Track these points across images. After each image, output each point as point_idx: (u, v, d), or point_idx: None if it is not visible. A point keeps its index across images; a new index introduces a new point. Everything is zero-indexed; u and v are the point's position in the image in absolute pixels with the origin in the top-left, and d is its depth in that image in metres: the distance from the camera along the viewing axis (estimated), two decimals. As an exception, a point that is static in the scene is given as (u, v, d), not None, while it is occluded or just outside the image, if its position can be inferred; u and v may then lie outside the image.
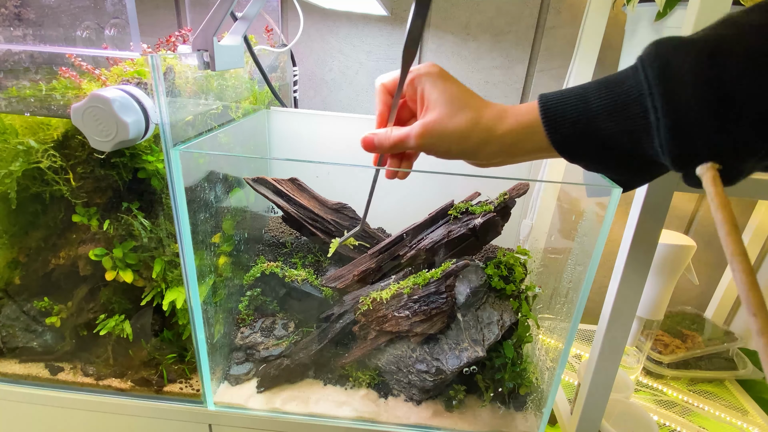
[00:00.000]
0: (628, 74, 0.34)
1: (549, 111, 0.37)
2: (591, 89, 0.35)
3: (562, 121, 0.36)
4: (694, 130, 0.31)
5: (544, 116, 0.37)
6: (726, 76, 0.30)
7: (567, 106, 0.36)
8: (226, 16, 0.51)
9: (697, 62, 0.30)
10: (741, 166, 0.32)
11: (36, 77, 0.53)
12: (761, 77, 0.29)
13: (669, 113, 0.31)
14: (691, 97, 0.30)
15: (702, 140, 0.31)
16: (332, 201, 0.73)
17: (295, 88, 0.97)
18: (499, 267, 0.64)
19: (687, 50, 0.31)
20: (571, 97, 0.36)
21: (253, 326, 0.65)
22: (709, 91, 0.30)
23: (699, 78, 0.30)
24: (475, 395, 0.64)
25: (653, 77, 0.31)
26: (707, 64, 0.30)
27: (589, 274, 0.53)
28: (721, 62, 0.30)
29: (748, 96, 0.29)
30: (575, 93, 0.36)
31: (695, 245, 0.72)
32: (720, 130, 0.30)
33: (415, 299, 0.60)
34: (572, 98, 0.36)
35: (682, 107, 0.31)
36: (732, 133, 0.30)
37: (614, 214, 0.49)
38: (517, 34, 0.94)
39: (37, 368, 0.65)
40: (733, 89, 0.30)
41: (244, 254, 0.71)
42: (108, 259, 0.57)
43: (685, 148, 0.32)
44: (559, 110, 0.36)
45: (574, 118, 0.36)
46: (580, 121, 0.35)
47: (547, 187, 0.86)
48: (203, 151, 0.57)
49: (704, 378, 0.91)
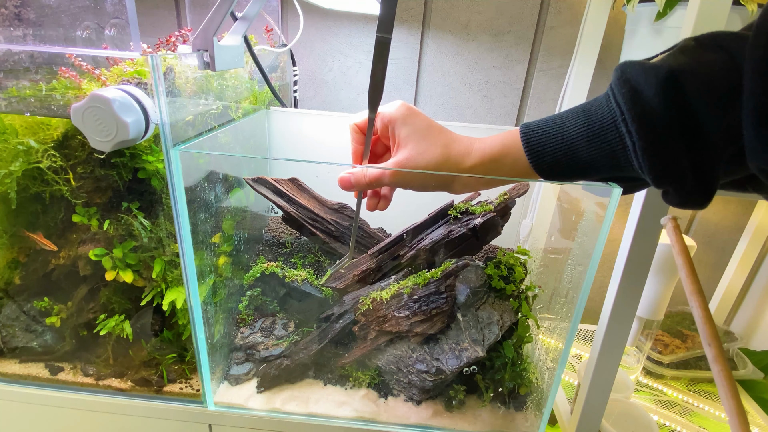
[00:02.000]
0: (601, 102, 0.36)
1: (531, 141, 0.38)
2: (569, 118, 0.37)
3: (543, 150, 0.38)
4: (668, 151, 0.32)
5: (526, 146, 0.39)
6: (688, 100, 0.31)
7: (548, 136, 0.38)
8: (226, 16, 0.51)
9: (663, 87, 0.32)
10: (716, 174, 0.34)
11: (36, 77, 0.53)
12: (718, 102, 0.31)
13: (642, 136, 0.32)
14: (661, 119, 0.32)
15: (676, 159, 0.32)
16: (332, 201, 0.73)
17: (295, 88, 0.97)
18: (499, 267, 0.64)
19: (653, 74, 0.32)
20: (551, 127, 0.38)
21: (253, 326, 0.65)
22: (676, 114, 0.32)
23: (666, 101, 0.32)
24: (475, 395, 0.64)
25: (623, 102, 0.33)
26: (672, 88, 0.31)
27: (589, 274, 0.53)
28: (683, 87, 0.31)
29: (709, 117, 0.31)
30: (555, 122, 0.38)
31: (695, 245, 0.72)
32: (690, 148, 0.32)
33: (415, 299, 0.60)
34: (552, 128, 0.38)
35: (654, 129, 0.32)
36: (702, 149, 0.32)
37: (614, 214, 0.49)
38: (517, 34, 0.94)
39: (37, 368, 0.65)
40: (696, 111, 0.31)
41: (244, 254, 0.71)
42: (108, 259, 0.57)
43: (662, 167, 0.33)
44: (542, 140, 0.38)
45: (555, 147, 0.37)
46: (560, 149, 0.37)
47: (547, 187, 0.85)
48: (203, 151, 0.57)
49: (704, 378, 0.91)
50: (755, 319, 1.04)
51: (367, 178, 0.45)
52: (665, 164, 0.33)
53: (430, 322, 0.60)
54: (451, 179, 0.43)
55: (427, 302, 0.59)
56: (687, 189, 0.34)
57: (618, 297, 0.54)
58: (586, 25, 0.81)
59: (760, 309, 1.03)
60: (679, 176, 0.33)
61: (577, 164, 0.37)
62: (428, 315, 0.59)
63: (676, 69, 0.31)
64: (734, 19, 0.64)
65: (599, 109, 0.35)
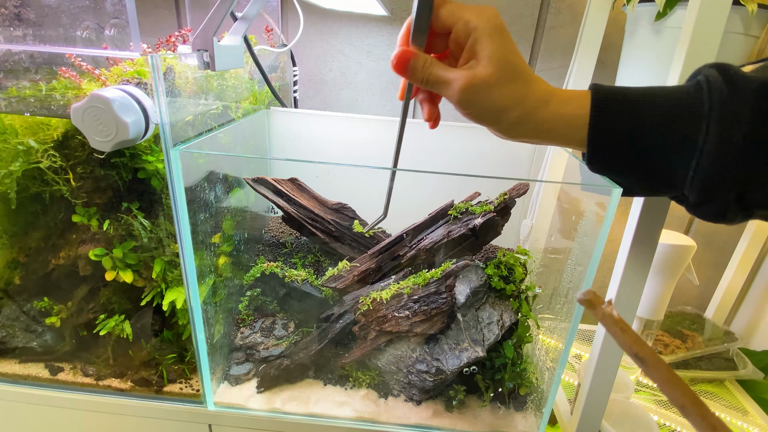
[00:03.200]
0: (689, 91, 0.34)
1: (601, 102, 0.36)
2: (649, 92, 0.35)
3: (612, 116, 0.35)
4: (731, 168, 0.32)
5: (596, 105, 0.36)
6: None
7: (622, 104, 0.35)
8: (226, 16, 0.51)
9: (757, 103, 0.31)
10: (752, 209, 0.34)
11: (36, 77, 0.53)
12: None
13: (719, 141, 0.32)
14: (743, 134, 0.31)
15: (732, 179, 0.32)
16: (332, 201, 0.73)
17: (295, 88, 0.97)
18: (499, 267, 0.64)
19: (750, 86, 0.31)
20: (628, 95, 0.35)
21: (253, 326, 0.65)
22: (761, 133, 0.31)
23: (756, 118, 0.31)
24: (475, 395, 0.64)
25: (717, 101, 0.32)
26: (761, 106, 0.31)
27: (589, 274, 0.53)
28: None
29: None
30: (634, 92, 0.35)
31: (695, 245, 0.72)
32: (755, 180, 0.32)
33: (415, 299, 0.60)
34: (629, 96, 0.35)
35: (731, 141, 0.31)
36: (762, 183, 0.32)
37: (614, 214, 0.49)
38: (517, 34, 0.94)
39: (37, 368, 0.65)
40: None
41: (244, 254, 0.71)
42: (108, 259, 0.57)
43: (717, 179, 0.32)
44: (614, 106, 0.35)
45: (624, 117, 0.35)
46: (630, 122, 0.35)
47: (547, 187, 0.85)
48: (203, 151, 0.57)
49: (704, 378, 0.91)
50: (755, 319, 1.04)
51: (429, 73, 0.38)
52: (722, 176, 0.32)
53: (430, 322, 0.60)
54: (511, 124, 0.38)
55: (427, 302, 0.59)
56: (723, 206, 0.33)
57: (618, 297, 0.54)
58: (586, 25, 0.81)
59: (760, 309, 1.03)
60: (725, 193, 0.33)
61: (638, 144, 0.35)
62: (428, 315, 0.59)
63: None
64: (734, 19, 0.64)
65: (685, 97, 0.34)
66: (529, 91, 0.37)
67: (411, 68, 0.38)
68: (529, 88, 0.37)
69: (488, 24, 0.36)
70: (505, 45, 0.36)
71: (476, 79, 0.36)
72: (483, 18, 0.36)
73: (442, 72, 0.38)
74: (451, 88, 0.37)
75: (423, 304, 0.59)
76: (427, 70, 0.38)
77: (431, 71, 0.38)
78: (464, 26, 0.37)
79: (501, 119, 0.38)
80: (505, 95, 0.36)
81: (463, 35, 0.37)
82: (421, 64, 0.38)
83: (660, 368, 0.22)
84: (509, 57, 0.36)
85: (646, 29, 0.70)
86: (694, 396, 0.20)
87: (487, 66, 0.36)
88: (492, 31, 0.36)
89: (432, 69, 0.38)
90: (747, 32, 0.65)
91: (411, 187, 0.75)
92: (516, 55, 0.37)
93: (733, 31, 0.64)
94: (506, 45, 0.37)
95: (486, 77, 0.36)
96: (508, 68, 0.36)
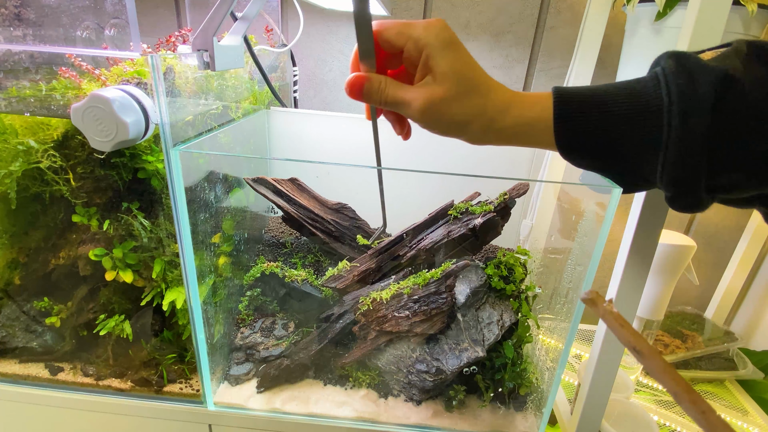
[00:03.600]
0: (647, 85, 0.34)
1: (563, 105, 0.35)
2: (610, 93, 0.35)
3: (576, 118, 0.35)
4: (696, 159, 0.32)
5: (558, 109, 0.35)
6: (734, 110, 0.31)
7: (584, 105, 0.35)
8: (226, 16, 0.51)
9: (717, 89, 0.31)
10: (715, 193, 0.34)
11: (36, 77, 0.53)
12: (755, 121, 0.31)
13: (682, 134, 0.31)
14: (704, 121, 0.31)
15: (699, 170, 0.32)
16: (332, 201, 0.73)
17: (295, 88, 0.97)
18: (499, 267, 0.64)
19: (711, 73, 0.31)
20: (589, 96, 0.35)
21: (253, 326, 0.65)
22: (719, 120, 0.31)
23: (715, 105, 0.31)
24: (475, 395, 0.64)
25: (676, 93, 0.32)
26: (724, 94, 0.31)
27: (589, 274, 0.53)
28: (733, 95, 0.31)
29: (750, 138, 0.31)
30: (594, 93, 0.35)
31: (695, 245, 0.72)
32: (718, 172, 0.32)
33: (415, 299, 0.60)
34: (591, 98, 0.35)
35: (694, 133, 0.31)
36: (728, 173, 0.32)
37: (614, 214, 0.49)
38: (517, 34, 0.94)
39: (36, 368, 0.65)
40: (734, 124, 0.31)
41: (244, 254, 0.71)
42: (108, 259, 0.57)
43: (685, 172, 0.32)
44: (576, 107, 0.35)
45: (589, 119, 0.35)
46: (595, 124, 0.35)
47: (547, 187, 0.86)
48: (203, 151, 0.57)
49: (704, 378, 0.91)
50: (755, 319, 1.04)
51: (386, 95, 0.38)
52: (689, 169, 0.32)
53: (430, 322, 0.60)
54: (475, 134, 0.38)
55: (427, 302, 0.59)
56: (694, 197, 0.33)
57: (618, 297, 0.54)
58: (586, 25, 0.81)
59: (760, 309, 1.03)
60: (694, 184, 0.32)
61: (605, 142, 0.35)
62: (428, 315, 0.59)
63: (730, 75, 0.31)
64: (734, 19, 0.64)
65: (645, 92, 0.33)
66: (488, 101, 0.37)
67: (366, 92, 0.38)
68: (487, 98, 0.37)
69: (438, 39, 0.36)
70: (459, 58, 0.36)
71: (434, 97, 0.36)
72: (432, 34, 0.36)
73: (399, 93, 0.38)
74: (411, 108, 0.37)
75: (423, 304, 0.59)
76: (384, 92, 0.38)
77: (388, 93, 0.38)
78: (414, 45, 0.37)
79: (465, 131, 0.38)
80: (465, 108, 0.37)
81: (415, 53, 0.37)
82: (376, 87, 0.38)
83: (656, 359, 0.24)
84: (463, 70, 0.36)
85: (646, 29, 0.70)
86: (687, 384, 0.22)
87: (442, 82, 0.36)
88: (443, 46, 0.36)
89: (388, 90, 0.38)
90: (747, 32, 0.65)
91: (411, 187, 0.75)
92: (470, 66, 0.37)
93: (733, 31, 0.64)
94: (460, 58, 0.36)
95: (443, 94, 0.36)
96: (463, 82, 0.36)
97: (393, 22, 0.37)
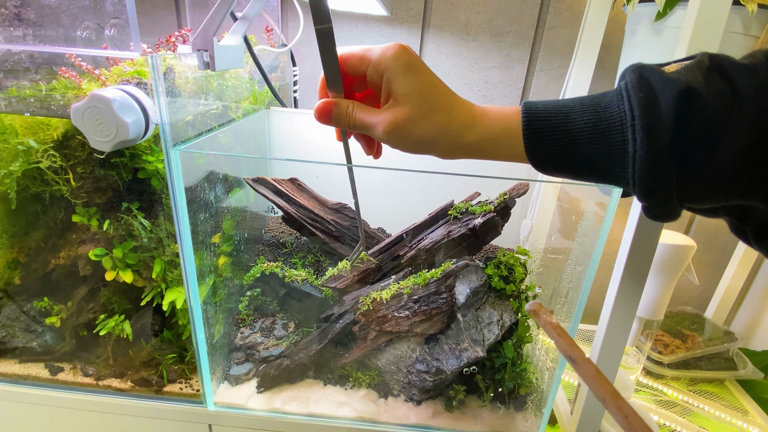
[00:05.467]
0: (612, 100, 0.34)
1: (532, 125, 0.36)
2: (576, 110, 0.35)
3: (542, 137, 0.36)
4: (665, 168, 0.32)
5: (527, 129, 0.36)
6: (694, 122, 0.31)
7: (550, 123, 0.36)
8: (226, 16, 0.51)
9: (678, 102, 0.31)
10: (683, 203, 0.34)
11: (36, 77, 0.53)
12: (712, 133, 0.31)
13: (647, 146, 0.32)
14: (668, 134, 0.31)
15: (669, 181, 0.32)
16: (332, 201, 0.73)
17: (295, 88, 0.97)
18: (499, 267, 0.64)
19: (673, 86, 0.31)
20: (556, 114, 0.36)
21: (253, 326, 0.65)
22: (683, 133, 0.31)
23: (677, 118, 0.31)
24: (475, 395, 0.64)
25: (637, 107, 0.32)
26: (686, 106, 0.31)
27: (589, 274, 0.53)
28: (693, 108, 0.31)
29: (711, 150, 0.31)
30: (560, 110, 0.36)
31: (695, 245, 0.72)
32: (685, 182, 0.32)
33: (415, 299, 0.60)
34: (557, 116, 0.36)
35: (659, 142, 0.32)
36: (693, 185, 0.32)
37: (614, 214, 0.49)
38: (517, 34, 0.94)
39: (36, 368, 0.65)
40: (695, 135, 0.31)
41: (244, 254, 0.71)
42: (108, 259, 0.57)
43: (655, 183, 0.33)
44: (544, 126, 0.36)
45: (556, 136, 0.36)
46: (561, 140, 0.35)
47: (547, 187, 0.86)
48: (203, 151, 0.57)
49: (704, 378, 0.91)
50: (755, 319, 1.04)
51: (354, 119, 0.40)
52: (659, 180, 0.32)
53: (430, 322, 0.60)
54: (442, 151, 0.39)
55: (427, 302, 0.59)
56: (669, 207, 0.34)
57: (618, 297, 0.54)
58: (586, 25, 0.81)
59: (760, 309, 1.03)
60: (666, 195, 0.33)
61: (574, 159, 0.36)
62: (428, 315, 0.59)
63: (692, 88, 0.31)
64: (734, 19, 0.64)
65: (609, 107, 0.34)
66: (451, 119, 0.38)
67: (335, 117, 0.40)
68: (450, 115, 0.38)
69: (397, 62, 0.37)
70: (419, 79, 0.37)
71: (397, 119, 0.37)
72: (391, 58, 0.37)
73: (366, 116, 0.39)
74: (377, 131, 0.39)
75: (423, 304, 0.59)
76: (351, 117, 0.40)
77: (355, 117, 0.40)
78: (375, 69, 0.38)
79: (434, 148, 0.39)
80: (429, 128, 0.38)
81: (377, 77, 0.38)
82: (344, 111, 0.40)
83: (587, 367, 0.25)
84: (424, 91, 0.38)
85: (646, 29, 0.70)
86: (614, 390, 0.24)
87: (404, 104, 0.37)
88: (403, 69, 0.37)
89: (356, 114, 0.40)
90: (747, 32, 0.65)
91: (411, 187, 0.75)
92: (432, 86, 0.38)
93: (733, 31, 0.64)
94: (420, 79, 0.38)
95: (406, 115, 0.37)
96: (424, 101, 0.37)
97: (354, 50, 0.39)
